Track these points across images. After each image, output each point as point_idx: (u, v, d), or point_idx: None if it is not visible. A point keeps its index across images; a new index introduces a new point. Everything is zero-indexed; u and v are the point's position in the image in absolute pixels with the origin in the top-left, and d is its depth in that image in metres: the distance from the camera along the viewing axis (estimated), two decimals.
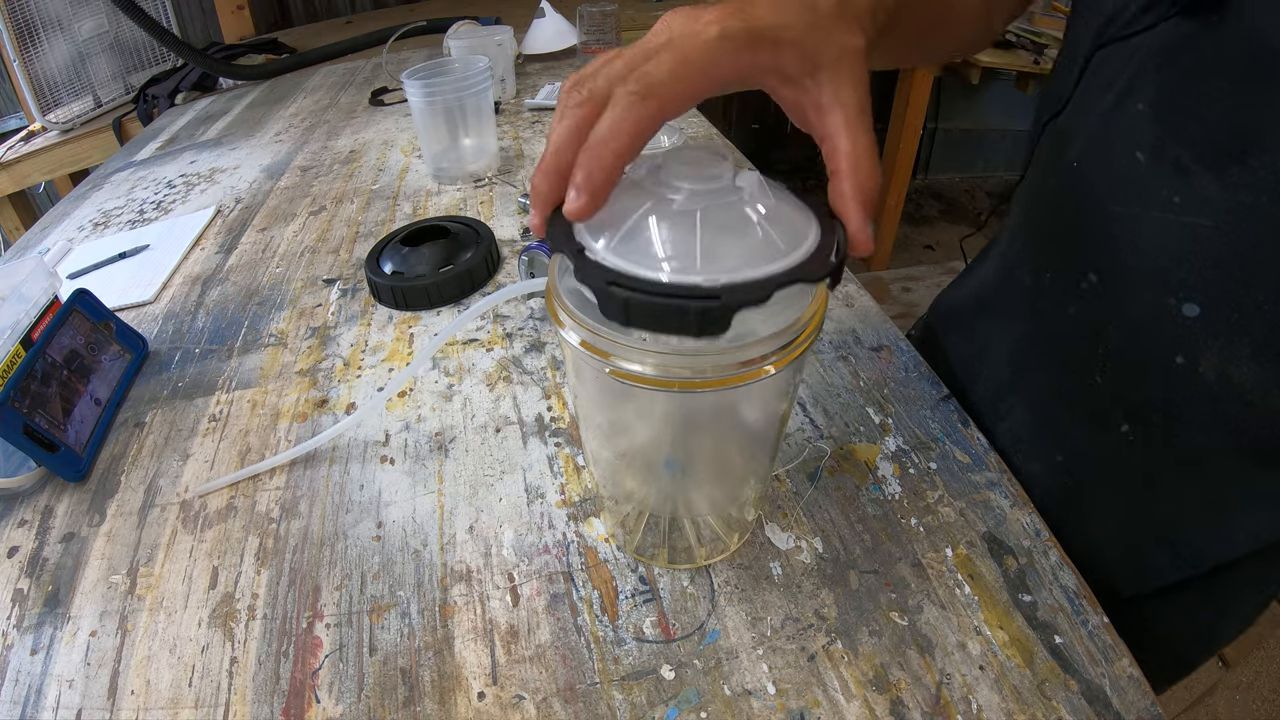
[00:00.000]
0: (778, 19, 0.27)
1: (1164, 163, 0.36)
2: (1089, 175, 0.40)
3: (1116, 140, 0.38)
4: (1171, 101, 0.35)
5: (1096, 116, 0.40)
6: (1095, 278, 0.40)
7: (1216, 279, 0.35)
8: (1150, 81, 0.36)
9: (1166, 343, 0.37)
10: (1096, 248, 0.40)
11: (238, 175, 0.92)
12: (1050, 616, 0.36)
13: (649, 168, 0.29)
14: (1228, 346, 0.35)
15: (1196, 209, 0.35)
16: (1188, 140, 0.35)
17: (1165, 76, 0.36)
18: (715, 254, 0.26)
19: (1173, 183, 0.35)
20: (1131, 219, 0.38)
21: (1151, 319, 0.38)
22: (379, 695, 0.34)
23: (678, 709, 0.33)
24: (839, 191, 0.28)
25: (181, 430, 0.50)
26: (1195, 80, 0.34)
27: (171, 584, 0.40)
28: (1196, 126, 0.34)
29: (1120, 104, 0.38)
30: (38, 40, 1.23)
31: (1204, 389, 0.36)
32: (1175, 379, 0.37)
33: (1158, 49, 0.36)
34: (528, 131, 0.95)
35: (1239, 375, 0.35)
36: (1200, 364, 0.36)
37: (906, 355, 0.53)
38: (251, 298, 0.65)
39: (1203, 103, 0.34)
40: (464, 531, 0.41)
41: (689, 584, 0.38)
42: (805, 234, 0.27)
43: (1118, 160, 0.38)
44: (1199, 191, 0.34)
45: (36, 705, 0.35)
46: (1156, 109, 0.36)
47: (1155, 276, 0.37)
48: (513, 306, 0.60)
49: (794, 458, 0.45)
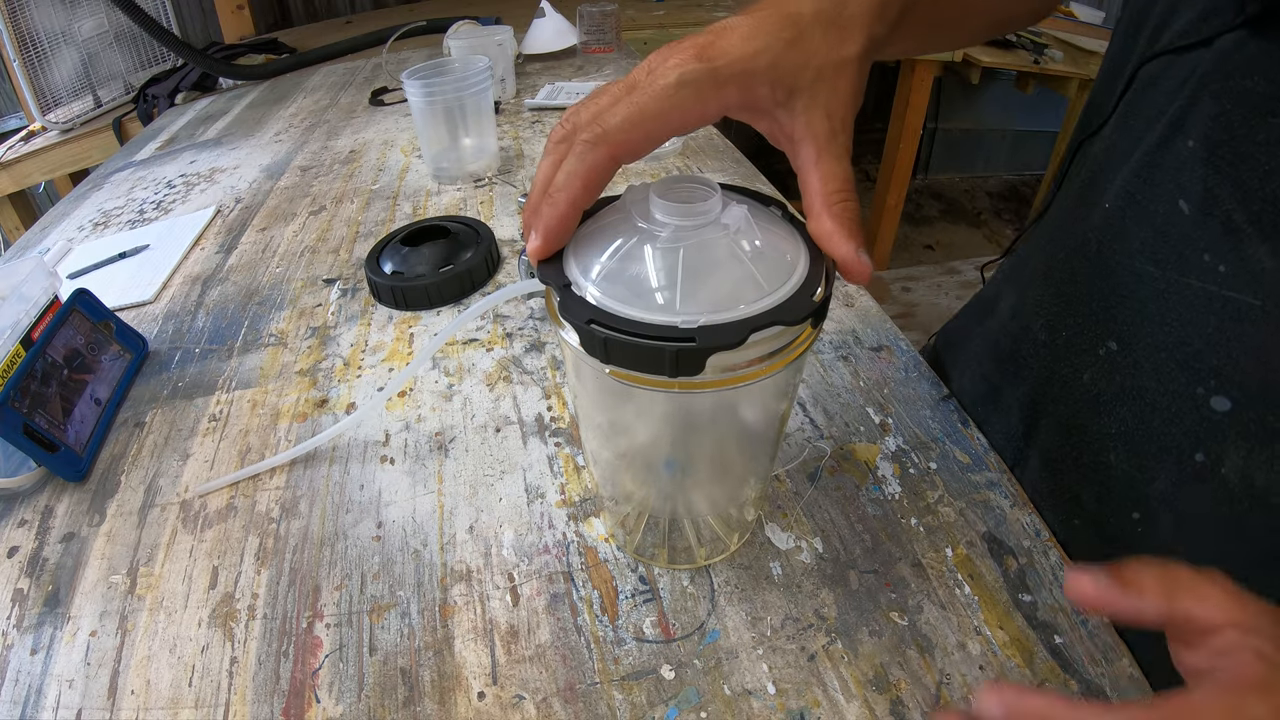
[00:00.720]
0: (747, 48, 0.26)
1: (1212, 218, 0.30)
2: (1122, 222, 0.35)
3: (1159, 182, 0.33)
4: (1228, 141, 0.29)
5: (1138, 149, 0.34)
6: (1115, 346, 0.35)
7: (1257, 371, 0.29)
8: (1205, 112, 0.30)
9: (1188, 435, 0.32)
10: (1120, 311, 0.35)
11: (238, 175, 0.92)
12: (1050, 616, 0.36)
13: (639, 198, 0.29)
14: (1258, 451, 0.30)
15: (1244, 283, 0.29)
16: (1243, 192, 0.29)
17: (1223, 108, 0.30)
18: (696, 292, 0.26)
19: (1219, 245, 0.30)
20: (1165, 283, 0.32)
21: (1173, 405, 0.32)
22: (379, 695, 0.34)
23: (678, 709, 0.33)
24: (818, 231, 0.27)
25: (181, 430, 0.50)
26: (1259, 115, 0.28)
27: (171, 584, 0.40)
28: (1256, 176, 0.28)
29: (1167, 138, 0.32)
30: (38, 40, 1.23)
31: (1225, 490, 0.31)
32: (1192, 478, 0.32)
33: (1216, 71, 0.30)
34: (528, 131, 0.95)
35: (1265, 481, 0.30)
36: (1223, 465, 0.31)
37: (906, 355, 0.53)
38: (251, 298, 0.65)
39: (1266, 147, 0.28)
40: (464, 531, 0.41)
41: (689, 584, 0.38)
42: (791, 269, 0.28)
43: (1157, 207, 0.33)
44: (1249, 260, 0.29)
45: (36, 705, 0.35)
46: (1209, 148, 0.30)
47: (1184, 358, 0.31)
48: (513, 306, 0.60)
49: (794, 458, 0.45)
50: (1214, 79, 0.30)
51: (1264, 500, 0.30)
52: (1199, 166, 0.30)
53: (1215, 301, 0.30)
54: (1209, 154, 0.30)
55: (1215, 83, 0.30)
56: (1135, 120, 0.35)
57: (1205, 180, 0.30)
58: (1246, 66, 0.29)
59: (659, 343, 0.25)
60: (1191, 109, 0.31)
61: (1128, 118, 0.35)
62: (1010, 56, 1.66)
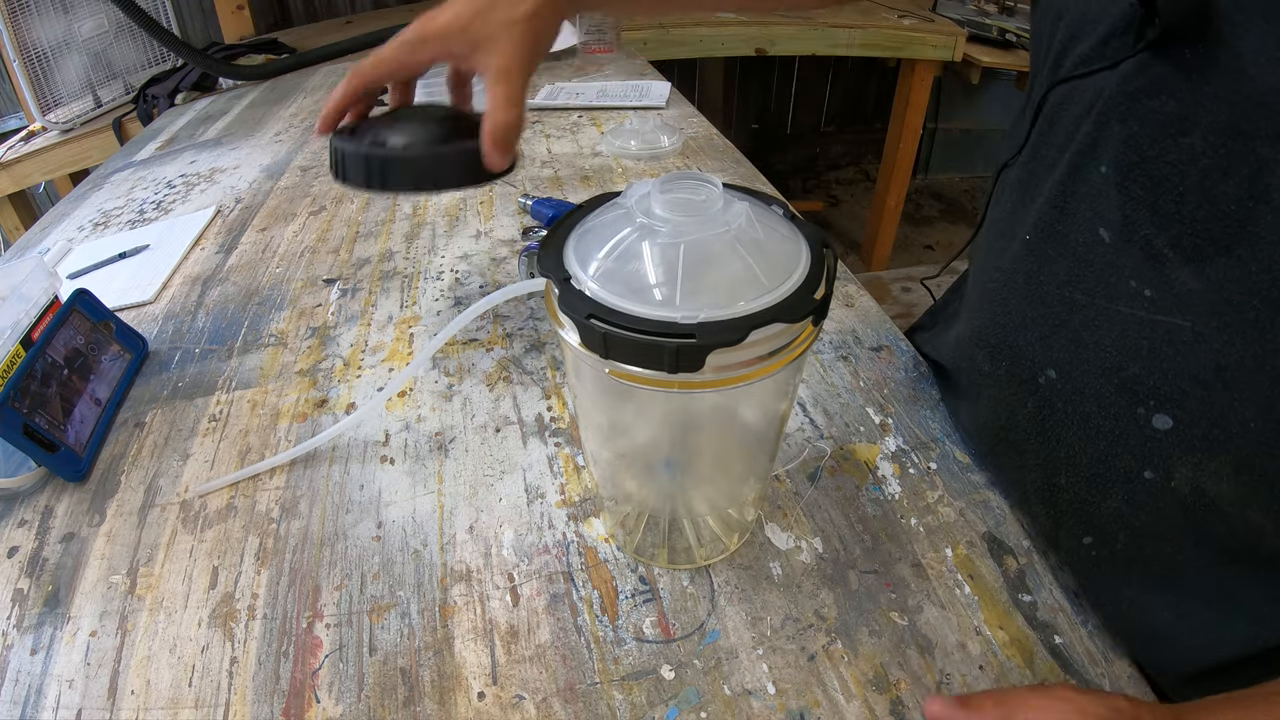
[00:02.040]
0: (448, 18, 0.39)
1: (1132, 245, 0.30)
2: (1044, 253, 0.34)
3: (1075, 211, 0.32)
4: (1140, 164, 0.29)
5: (1051, 178, 0.34)
6: (1054, 374, 0.35)
7: (1194, 390, 0.29)
8: (1114, 136, 0.30)
9: (1134, 456, 0.32)
10: (1055, 340, 0.35)
11: (238, 175, 0.92)
12: (1050, 616, 0.36)
13: (641, 194, 0.29)
14: (1205, 462, 0.30)
15: (1171, 306, 0.29)
16: (1161, 217, 0.29)
17: (1132, 130, 0.29)
18: (696, 289, 0.26)
19: (1143, 272, 0.30)
20: (1095, 311, 0.32)
21: (1117, 428, 0.32)
22: (379, 695, 0.34)
23: (678, 709, 0.33)
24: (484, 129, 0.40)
25: (181, 430, 0.50)
26: (1168, 137, 0.28)
27: (171, 584, 0.40)
28: (1171, 199, 0.28)
29: (1079, 165, 0.32)
30: (38, 41, 1.22)
31: (1176, 502, 0.31)
32: (1143, 494, 0.32)
33: (1122, 93, 0.29)
34: (528, 131, 0.95)
35: (1216, 490, 0.30)
36: (1173, 479, 0.31)
37: (906, 355, 0.53)
38: (251, 298, 0.65)
39: (1178, 168, 0.28)
40: (464, 531, 0.41)
41: (689, 584, 0.38)
42: (792, 267, 0.28)
43: (1078, 237, 0.32)
44: (1175, 285, 0.29)
45: (36, 705, 0.35)
46: (1122, 173, 0.30)
47: (1122, 381, 0.32)
48: (513, 306, 0.60)
49: (794, 458, 0.45)
50: (1120, 101, 0.29)
51: (1217, 508, 0.30)
52: (1114, 193, 0.30)
53: (1146, 326, 0.30)
54: (1122, 179, 0.30)
55: (1122, 104, 0.29)
56: (1047, 149, 0.35)
57: (1123, 208, 0.30)
58: (1152, 86, 0.28)
59: (659, 338, 0.25)
60: (1100, 133, 0.31)
61: (1039, 146, 0.35)
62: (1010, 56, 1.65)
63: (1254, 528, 0.30)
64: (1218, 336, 0.28)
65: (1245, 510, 0.30)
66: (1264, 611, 0.31)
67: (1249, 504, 0.29)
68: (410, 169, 0.43)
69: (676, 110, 0.99)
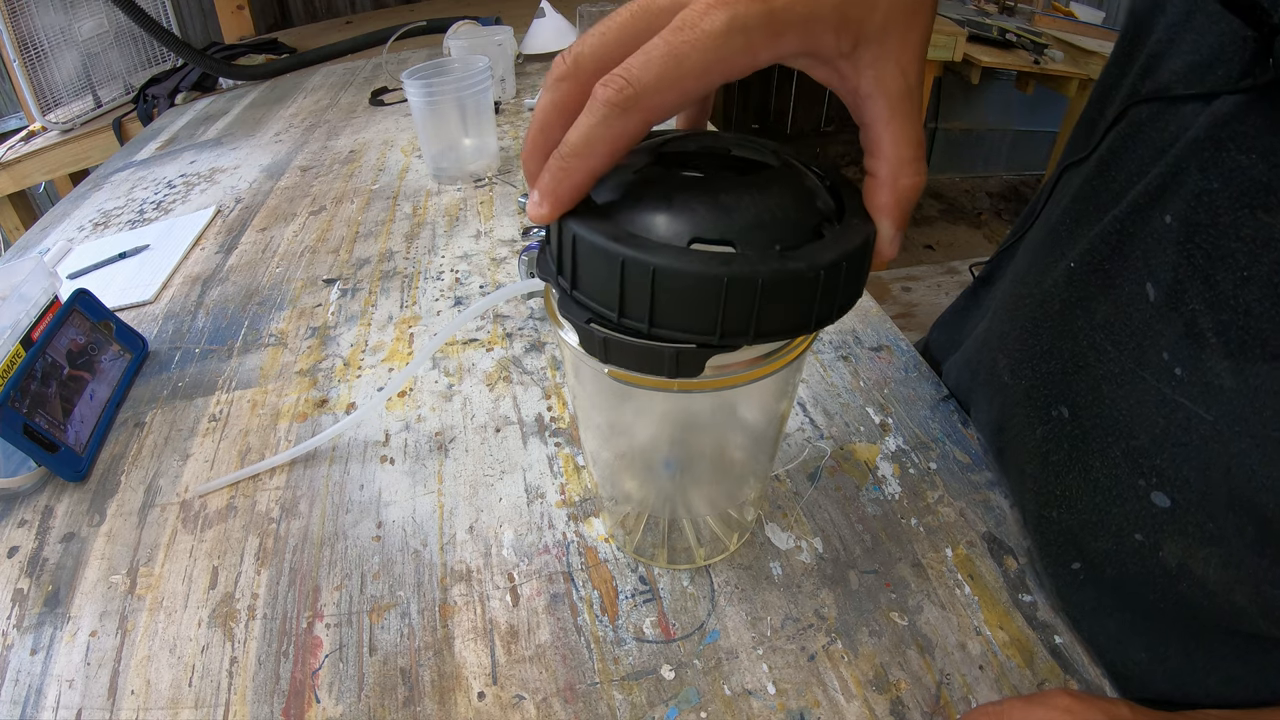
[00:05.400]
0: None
1: (1177, 314, 0.27)
2: (1086, 288, 0.32)
3: (1128, 255, 0.29)
4: (1209, 227, 0.25)
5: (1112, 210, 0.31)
6: (1067, 413, 0.33)
7: (1198, 483, 0.27)
8: (1189, 186, 0.26)
9: (1128, 519, 0.31)
10: (1075, 381, 0.33)
11: (238, 175, 0.92)
12: (1050, 617, 0.36)
13: None
14: (1195, 548, 0.28)
15: (1198, 394, 0.26)
16: (1215, 294, 0.25)
17: (1209, 186, 0.25)
18: None
19: (1179, 347, 0.27)
20: (1120, 368, 0.30)
21: (1115, 489, 0.31)
22: (379, 695, 0.34)
23: (678, 709, 0.33)
24: (874, 202, 0.24)
25: (181, 430, 0.50)
26: (1247, 208, 0.24)
27: (171, 584, 0.40)
28: (1231, 280, 0.25)
29: (1143, 206, 0.29)
30: (38, 41, 1.23)
31: (1162, 570, 0.30)
32: (1131, 551, 0.31)
33: (1209, 137, 0.25)
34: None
35: (1202, 573, 0.29)
36: (1161, 550, 0.30)
37: (906, 355, 0.53)
38: (251, 298, 0.65)
39: (1249, 246, 0.24)
40: (464, 531, 0.41)
41: (689, 584, 0.38)
42: None
43: (1123, 284, 0.30)
44: (1208, 373, 0.26)
45: (36, 705, 0.35)
46: (1187, 232, 0.26)
47: (1129, 450, 0.30)
48: (513, 306, 0.60)
49: (794, 458, 0.45)
50: (1205, 146, 0.26)
51: (1203, 586, 0.29)
52: (1171, 250, 0.27)
53: (1167, 405, 0.28)
54: (1185, 238, 0.26)
55: (1205, 151, 0.26)
56: (1116, 171, 0.32)
57: (1176, 268, 0.27)
58: (1245, 140, 0.24)
59: (659, 343, 0.25)
60: (1175, 178, 0.27)
61: (1109, 165, 0.33)
62: (1010, 56, 1.66)
63: (1237, 610, 0.28)
64: (1236, 443, 0.25)
65: (1230, 594, 0.28)
66: (1238, 673, 0.30)
67: (1234, 591, 0.28)
68: None
69: None
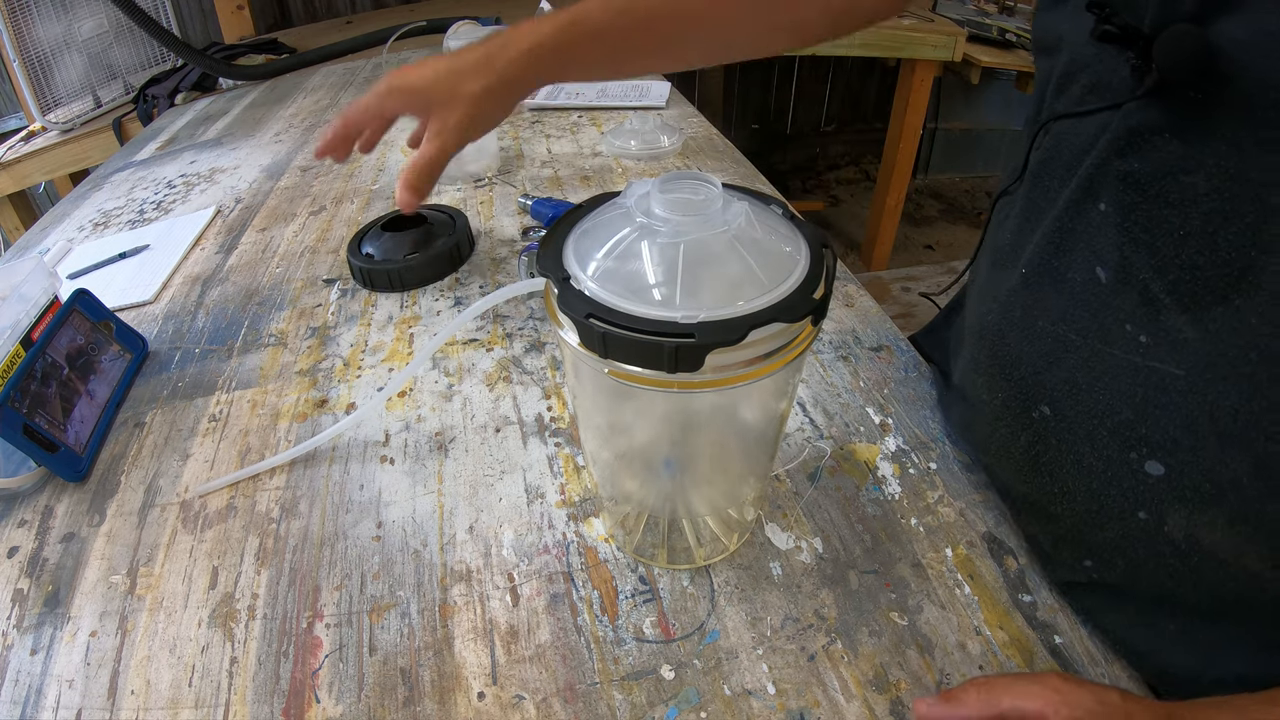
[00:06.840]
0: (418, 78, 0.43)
1: (1129, 287, 0.29)
2: (1040, 288, 0.34)
3: (1073, 249, 0.32)
4: (1141, 205, 0.28)
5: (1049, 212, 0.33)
6: (1048, 411, 0.34)
7: (1186, 441, 0.28)
8: (1115, 173, 0.29)
9: (1127, 497, 0.32)
10: (1049, 377, 0.34)
11: (238, 175, 0.92)
12: (1050, 617, 0.36)
13: (640, 194, 0.29)
14: (1198, 513, 0.29)
15: (1166, 354, 0.28)
16: (1159, 260, 0.28)
17: (1133, 167, 0.29)
18: (696, 288, 0.26)
19: (1139, 316, 0.29)
20: (1089, 352, 0.32)
21: (1109, 470, 0.32)
22: (379, 695, 0.34)
23: (678, 709, 0.33)
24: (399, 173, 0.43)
25: (181, 430, 0.50)
26: (1170, 175, 0.27)
27: (171, 584, 0.40)
28: (1171, 242, 0.27)
29: (1078, 201, 0.31)
30: (38, 41, 1.22)
31: (1171, 546, 0.31)
32: (1138, 532, 0.32)
33: (1125, 129, 0.29)
34: (527, 131, 0.95)
35: (1210, 540, 0.29)
36: (1166, 523, 0.30)
37: (906, 355, 0.53)
38: (251, 298, 0.65)
39: (1179, 209, 0.27)
40: (464, 531, 0.41)
41: (689, 584, 0.38)
42: (791, 267, 0.28)
43: (1074, 275, 0.32)
44: (1170, 331, 0.28)
45: (36, 705, 0.35)
46: (1122, 212, 0.29)
47: (1114, 425, 0.31)
48: (513, 306, 0.60)
49: (794, 458, 0.45)
50: (1122, 136, 0.29)
51: (1212, 556, 0.30)
52: (1113, 232, 0.30)
53: (1140, 372, 0.29)
54: (1122, 218, 0.29)
55: (1124, 140, 0.29)
56: (1048, 179, 0.34)
57: (1121, 248, 0.29)
58: (1156, 124, 0.28)
59: (658, 338, 0.25)
60: (1102, 169, 0.30)
61: (1040, 176, 0.35)
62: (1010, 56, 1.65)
63: (1251, 574, 0.29)
64: (1211, 388, 0.27)
65: (1241, 559, 0.29)
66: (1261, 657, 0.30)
67: (1244, 553, 0.29)
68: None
69: (676, 110, 0.99)
